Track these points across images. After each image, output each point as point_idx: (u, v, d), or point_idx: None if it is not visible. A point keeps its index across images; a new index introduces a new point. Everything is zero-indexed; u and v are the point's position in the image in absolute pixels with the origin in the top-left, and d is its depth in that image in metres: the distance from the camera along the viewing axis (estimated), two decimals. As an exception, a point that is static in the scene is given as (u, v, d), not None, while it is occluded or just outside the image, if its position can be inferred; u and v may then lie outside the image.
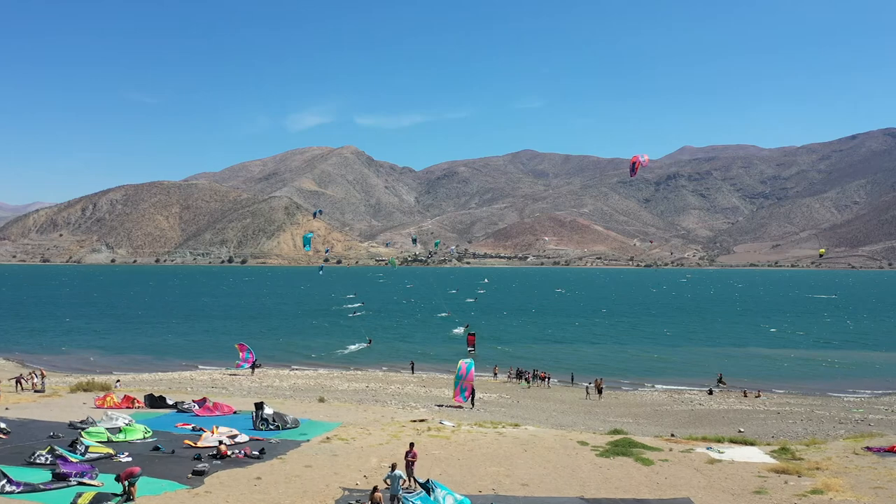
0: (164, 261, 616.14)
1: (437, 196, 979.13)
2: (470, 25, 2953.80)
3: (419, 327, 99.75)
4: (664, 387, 54.82)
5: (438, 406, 39.85)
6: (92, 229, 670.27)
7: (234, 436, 24.91)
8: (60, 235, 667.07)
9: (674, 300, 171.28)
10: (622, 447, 25.98)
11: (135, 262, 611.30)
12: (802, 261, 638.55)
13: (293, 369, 60.96)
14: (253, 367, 55.33)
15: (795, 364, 67.13)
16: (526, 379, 54.69)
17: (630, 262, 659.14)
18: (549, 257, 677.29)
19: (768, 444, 27.85)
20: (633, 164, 52.58)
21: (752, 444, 27.89)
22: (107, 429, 25.18)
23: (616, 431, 30.22)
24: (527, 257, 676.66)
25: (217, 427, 25.80)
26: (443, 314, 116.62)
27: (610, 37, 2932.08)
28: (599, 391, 48.09)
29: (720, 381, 54.33)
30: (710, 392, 51.53)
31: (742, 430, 34.72)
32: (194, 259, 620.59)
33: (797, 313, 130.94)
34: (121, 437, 24.64)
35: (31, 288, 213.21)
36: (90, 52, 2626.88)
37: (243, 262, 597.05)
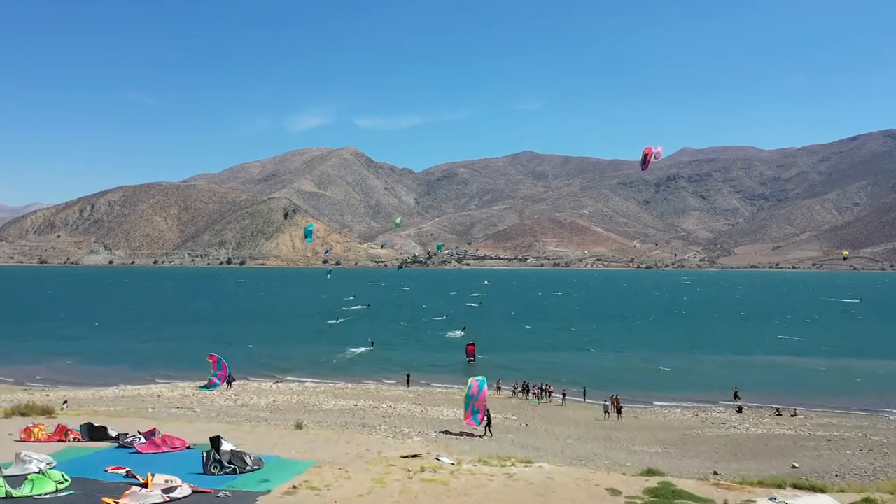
0: (163, 262, 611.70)
1: (436, 197, 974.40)
2: (470, 25, 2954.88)
3: (416, 333, 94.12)
4: (679, 403, 49.08)
5: (437, 433, 34.43)
6: (90, 230, 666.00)
7: (173, 488, 19.36)
8: (58, 237, 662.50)
9: (675, 304, 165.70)
10: (664, 498, 20.51)
11: (133, 263, 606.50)
12: (803, 262, 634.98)
13: (277, 382, 55.64)
14: (229, 381, 49.85)
15: (815, 375, 61.41)
16: (534, 394, 49.29)
17: (630, 264, 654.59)
18: (549, 259, 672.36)
19: (842, 491, 22.33)
20: (645, 156, 47.29)
21: (822, 490, 22.30)
22: (9, 478, 19.53)
23: (651, 472, 24.72)
24: (527, 259, 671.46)
25: (153, 474, 20.29)
26: (441, 318, 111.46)
27: (610, 37, 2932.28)
28: (619, 411, 42.72)
29: (736, 395, 48.84)
30: (740, 410, 46.15)
31: (796, 465, 29.33)
32: (192, 260, 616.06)
33: (806, 317, 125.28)
34: (25, 490, 19.01)
35: (23, 290, 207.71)
36: (90, 52, 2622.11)
37: (242, 263, 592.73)
